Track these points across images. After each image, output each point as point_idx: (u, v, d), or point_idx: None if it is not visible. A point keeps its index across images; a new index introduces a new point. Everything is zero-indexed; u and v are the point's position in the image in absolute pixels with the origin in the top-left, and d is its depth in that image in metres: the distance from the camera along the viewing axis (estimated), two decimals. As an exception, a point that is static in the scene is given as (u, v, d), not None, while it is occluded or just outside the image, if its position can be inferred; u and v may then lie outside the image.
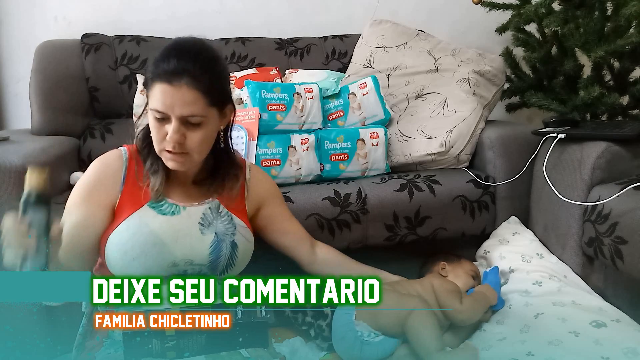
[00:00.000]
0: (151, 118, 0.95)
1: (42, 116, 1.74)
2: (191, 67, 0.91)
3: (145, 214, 0.98)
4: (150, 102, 0.94)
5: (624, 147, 1.32)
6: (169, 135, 0.92)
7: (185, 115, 0.91)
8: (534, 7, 1.79)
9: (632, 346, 0.97)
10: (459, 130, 1.64)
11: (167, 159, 0.97)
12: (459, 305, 1.20)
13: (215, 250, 1.01)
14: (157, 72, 0.91)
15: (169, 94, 0.90)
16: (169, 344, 0.83)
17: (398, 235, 1.50)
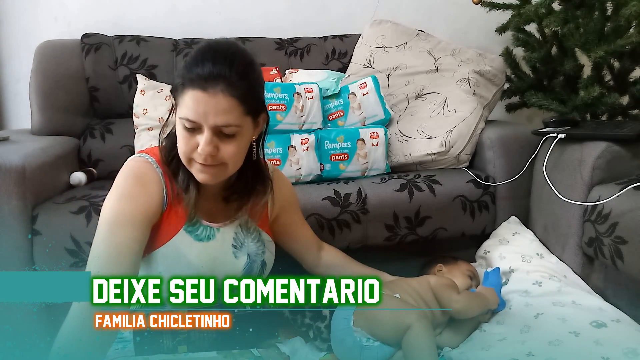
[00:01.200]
0: (180, 127, 0.87)
1: (42, 116, 1.74)
2: (227, 72, 0.83)
3: (183, 242, 0.93)
4: (180, 110, 0.85)
5: (624, 147, 1.32)
6: (200, 147, 0.84)
7: (219, 125, 0.84)
8: (534, 7, 1.79)
9: (633, 346, 0.97)
10: (459, 130, 1.64)
11: (198, 171, 0.89)
12: (455, 295, 1.19)
13: (247, 272, 1.01)
14: (189, 77, 0.83)
15: (202, 102, 0.82)
16: (180, 338, 0.83)
17: (398, 235, 1.50)
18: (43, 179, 1.40)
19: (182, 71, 0.86)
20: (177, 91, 0.87)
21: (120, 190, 0.91)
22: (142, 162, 0.95)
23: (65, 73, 1.79)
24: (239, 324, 0.85)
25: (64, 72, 1.79)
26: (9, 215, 1.28)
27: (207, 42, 0.89)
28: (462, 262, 1.40)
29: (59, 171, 1.56)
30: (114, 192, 0.91)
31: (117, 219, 0.87)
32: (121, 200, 0.89)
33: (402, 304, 1.17)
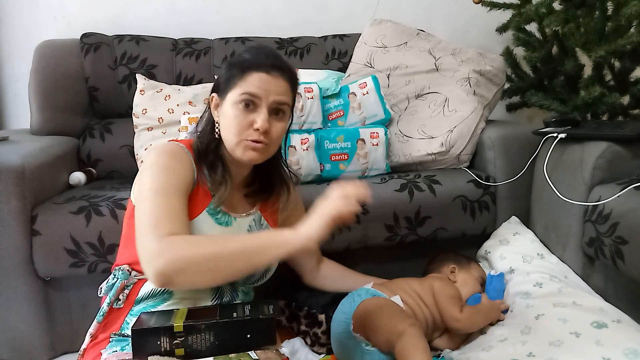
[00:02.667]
0: (235, 108, 0.97)
1: (42, 116, 1.74)
2: (285, 65, 1.00)
3: (204, 222, 0.98)
4: (237, 90, 0.97)
5: (625, 147, 1.32)
6: (259, 124, 0.96)
7: (277, 100, 0.98)
8: (534, 6, 1.79)
9: (633, 347, 0.97)
10: (460, 130, 1.64)
11: (246, 149, 0.98)
12: (457, 313, 1.18)
13: None
14: (255, 63, 0.97)
15: (266, 81, 0.97)
16: (177, 340, 0.83)
17: (398, 236, 1.49)
18: (42, 179, 1.39)
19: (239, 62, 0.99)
20: (233, 78, 0.98)
21: (160, 164, 0.95)
22: (172, 144, 1.02)
23: (64, 73, 1.78)
24: (237, 329, 0.85)
25: (64, 71, 1.78)
26: (8, 215, 1.28)
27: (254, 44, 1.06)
28: (474, 265, 1.39)
29: (59, 171, 1.55)
30: (154, 167, 0.95)
31: (164, 189, 0.91)
32: (163, 172, 0.94)
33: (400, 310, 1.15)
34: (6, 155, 1.31)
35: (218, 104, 1.03)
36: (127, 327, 0.93)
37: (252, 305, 0.91)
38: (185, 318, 0.85)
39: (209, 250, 0.84)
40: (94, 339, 0.94)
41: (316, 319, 1.26)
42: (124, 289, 0.96)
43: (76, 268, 1.33)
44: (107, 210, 1.34)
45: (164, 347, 0.83)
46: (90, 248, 1.32)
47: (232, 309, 0.89)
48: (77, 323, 1.41)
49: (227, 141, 1.00)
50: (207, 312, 0.89)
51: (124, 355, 0.87)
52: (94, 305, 1.38)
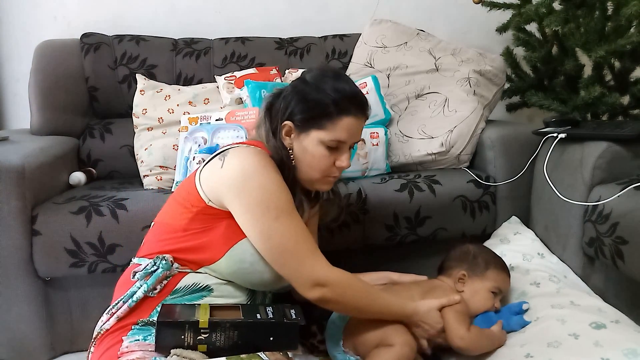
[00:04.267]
0: (318, 148, 1.00)
1: (42, 116, 1.74)
2: (363, 95, 1.03)
3: None
4: (326, 134, 0.99)
5: (625, 147, 1.32)
6: (344, 162, 1.02)
7: (357, 141, 1.05)
8: (534, 6, 1.79)
9: (633, 347, 0.96)
10: (460, 130, 1.64)
11: (326, 183, 1.06)
12: (463, 331, 1.07)
13: None
14: (346, 106, 0.99)
15: (355, 126, 1.01)
16: (201, 336, 0.83)
17: (398, 236, 1.49)
18: (42, 179, 1.39)
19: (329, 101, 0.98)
20: (321, 118, 0.99)
21: (272, 179, 0.97)
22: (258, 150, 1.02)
23: (64, 73, 1.79)
24: (262, 331, 0.86)
25: (64, 71, 1.78)
26: (8, 215, 1.28)
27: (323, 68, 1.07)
28: (491, 274, 1.19)
29: (59, 171, 1.56)
30: (266, 181, 0.96)
31: (289, 208, 0.97)
32: (280, 189, 0.97)
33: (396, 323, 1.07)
34: (6, 155, 1.31)
35: (292, 132, 1.02)
36: (156, 315, 0.91)
37: (275, 308, 0.91)
38: (209, 314, 0.85)
39: (363, 302, 1.00)
40: (118, 321, 0.92)
41: (309, 330, 1.24)
42: (164, 279, 0.95)
43: (76, 268, 1.33)
44: (108, 210, 1.34)
45: (187, 342, 0.83)
46: (90, 248, 1.32)
47: (254, 309, 0.89)
48: (77, 323, 1.42)
49: (307, 175, 1.03)
50: (230, 310, 0.89)
51: (146, 345, 0.87)
52: (94, 305, 1.39)
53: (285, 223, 0.94)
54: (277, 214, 0.94)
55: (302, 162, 1.02)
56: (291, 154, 1.03)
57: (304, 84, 1.02)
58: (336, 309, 1.03)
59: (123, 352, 0.87)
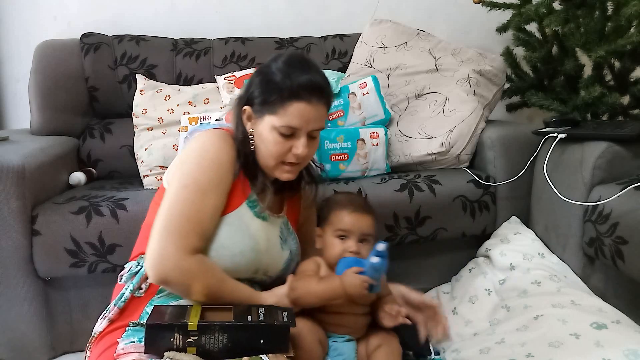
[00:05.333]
0: (272, 134, 0.97)
1: (42, 116, 1.74)
2: (322, 82, 0.98)
3: (245, 213, 1.00)
4: (278, 120, 0.96)
5: (625, 147, 1.32)
6: (299, 150, 0.97)
7: (316, 128, 0.99)
8: (534, 6, 1.79)
9: (633, 347, 0.96)
10: (460, 130, 1.64)
11: (284, 171, 1.01)
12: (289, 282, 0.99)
13: (286, 267, 1.06)
14: (293, 90, 0.94)
15: (307, 112, 0.96)
16: (191, 339, 0.83)
17: (398, 236, 1.49)
18: (42, 179, 1.39)
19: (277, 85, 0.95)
20: (272, 103, 0.96)
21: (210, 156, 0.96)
22: (222, 132, 1.02)
23: (64, 73, 1.78)
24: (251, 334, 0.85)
25: (64, 71, 1.78)
26: (8, 215, 1.28)
27: (290, 55, 0.99)
28: (333, 218, 1.10)
29: (59, 171, 1.55)
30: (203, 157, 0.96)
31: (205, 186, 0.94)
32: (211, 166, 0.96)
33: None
34: (6, 155, 1.31)
35: (252, 117, 1.01)
36: (146, 317, 0.91)
37: (267, 310, 0.90)
38: (199, 316, 0.85)
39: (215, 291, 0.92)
40: (111, 323, 0.93)
41: None
42: (147, 278, 0.95)
43: (76, 268, 1.33)
44: (108, 210, 1.34)
45: (176, 344, 0.82)
46: (90, 248, 1.32)
47: (247, 311, 0.89)
48: (77, 323, 1.41)
49: (264, 160, 1.01)
50: (222, 312, 0.88)
51: (141, 347, 0.87)
52: (94, 305, 1.39)
53: (188, 195, 0.92)
54: (188, 184, 0.93)
55: (259, 148, 1.00)
56: (252, 139, 1.01)
57: (265, 69, 1.00)
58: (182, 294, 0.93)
59: (119, 354, 0.87)
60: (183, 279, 0.89)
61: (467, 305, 1.40)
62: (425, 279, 1.61)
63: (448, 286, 1.56)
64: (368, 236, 1.08)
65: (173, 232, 0.89)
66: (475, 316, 1.35)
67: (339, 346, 1.06)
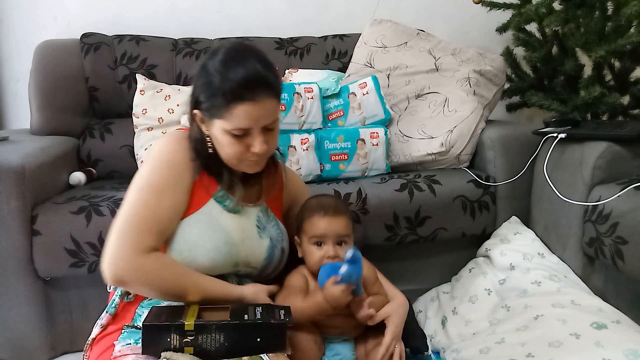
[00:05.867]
0: (225, 137, 0.93)
1: (42, 116, 1.74)
2: (264, 74, 0.91)
3: (213, 209, 0.99)
4: (227, 124, 0.92)
5: (625, 147, 1.32)
6: (256, 148, 0.93)
7: (268, 123, 0.94)
8: (534, 6, 1.79)
9: (634, 348, 0.96)
10: (460, 130, 1.64)
11: (249, 166, 0.99)
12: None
13: (270, 256, 1.04)
14: (233, 93, 0.89)
15: (253, 111, 0.90)
16: (187, 339, 0.83)
17: (398, 235, 1.49)
18: (42, 179, 1.39)
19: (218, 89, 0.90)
20: (217, 108, 0.92)
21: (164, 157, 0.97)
22: (181, 132, 1.02)
23: (64, 73, 1.78)
24: (247, 332, 0.85)
25: (64, 71, 1.78)
26: (8, 215, 1.28)
27: (227, 50, 0.93)
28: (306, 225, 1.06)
29: (59, 171, 1.55)
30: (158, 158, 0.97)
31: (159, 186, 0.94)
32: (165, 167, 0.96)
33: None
34: (6, 155, 1.31)
35: (204, 120, 0.97)
36: (139, 319, 0.93)
37: (264, 308, 0.90)
38: (196, 316, 0.85)
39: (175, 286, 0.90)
40: (104, 329, 0.94)
41: None
42: None
43: (76, 268, 1.33)
44: (107, 210, 1.34)
45: (173, 345, 0.82)
46: (90, 248, 1.32)
47: (244, 310, 0.89)
48: (77, 323, 1.42)
49: (227, 160, 0.98)
50: (219, 311, 0.88)
51: (138, 348, 0.87)
52: (94, 305, 1.39)
53: (142, 197, 0.92)
54: (143, 186, 0.94)
55: (218, 149, 0.98)
56: (209, 140, 0.98)
57: (203, 70, 0.95)
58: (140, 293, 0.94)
59: (116, 357, 0.87)
60: (137, 278, 0.88)
61: (467, 305, 1.40)
62: (425, 279, 1.61)
63: (448, 286, 1.56)
64: (344, 237, 1.05)
65: (128, 233, 0.89)
66: (475, 316, 1.35)
67: (336, 346, 1.06)
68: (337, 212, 1.05)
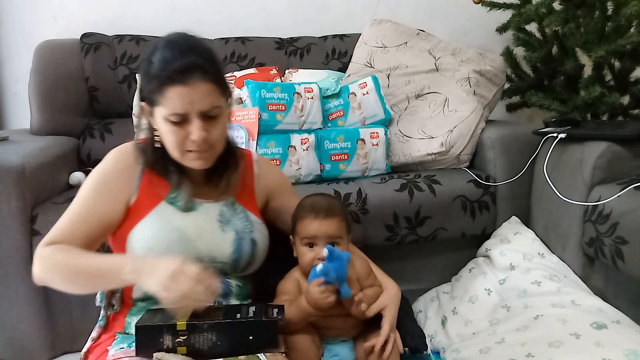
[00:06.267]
0: (166, 125, 0.92)
1: (42, 116, 1.74)
2: (199, 61, 0.90)
3: (165, 210, 0.98)
4: (164, 109, 0.91)
5: (625, 147, 1.32)
6: (194, 135, 0.91)
7: (205, 109, 0.91)
8: (534, 6, 1.79)
9: (634, 348, 0.97)
10: (460, 130, 1.64)
11: (193, 160, 0.96)
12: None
13: (238, 249, 1.02)
14: (164, 76, 0.89)
15: (186, 94, 0.89)
16: (180, 339, 0.83)
17: (398, 235, 1.49)
18: (42, 179, 1.39)
19: (153, 74, 0.91)
20: (153, 93, 0.92)
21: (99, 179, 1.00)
22: (129, 144, 1.05)
23: (64, 73, 1.78)
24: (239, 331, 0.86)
25: (63, 71, 1.78)
26: (8, 215, 1.28)
27: (166, 40, 0.94)
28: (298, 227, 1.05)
29: (59, 171, 1.55)
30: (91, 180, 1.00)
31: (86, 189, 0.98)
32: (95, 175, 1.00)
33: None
34: (6, 155, 1.31)
35: (149, 112, 0.97)
36: (129, 327, 0.94)
37: (258, 307, 0.90)
38: (189, 317, 0.85)
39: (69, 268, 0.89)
40: (95, 341, 0.95)
41: None
42: (113, 293, 0.98)
43: (76, 268, 1.33)
44: (107, 210, 1.34)
45: (166, 345, 0.83)
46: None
47: (237, 309, 0.89)
48: (77, 323, 1.41)
49: (171, 153, 0.97)
50: (212, 311, 0.89)
51: (132, 352, 0.87)
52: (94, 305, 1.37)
53: (71, 207, 0.96)
54: (79, 194, 0.97)
55: (164, 142, 0.97)
56: (157, 134, 0.97)
57: (144, 61, 0.96)
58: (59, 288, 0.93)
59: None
60: (42, 266, 0.89)
61: (467, 305, 1.40)
62: (425, 279, 1.61)
63: (448, 286, 1.56)
64: (337, 238, 1.04)
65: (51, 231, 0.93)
66: (475, 316, 1.35)
67: (334, 347, 1.06)
68: (329, 213, 1.04)
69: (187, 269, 0.81)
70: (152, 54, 0.92)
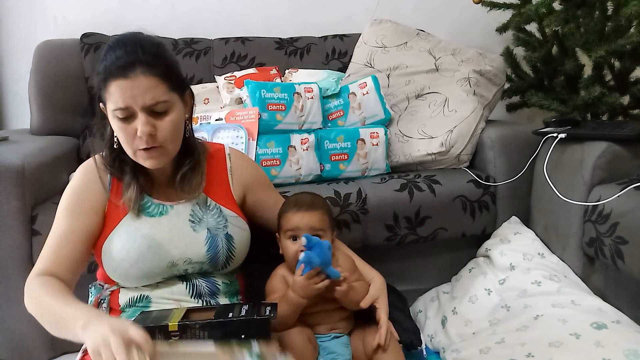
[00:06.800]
0: (115, 122, 0.93)
1: (41, 116, 1.74)
2: (141, 55, 0.90)
3: (133, 219, 0.99)
4: (110, 105, 0.92)
5: (625, 147, 1.32)
6: (139, 130, 0.90)
7: (148, 103, 0.90)
8: (534, 6, 1.79)
9: (634, 348, 0.97)
10: (460, 130, 1.64)
11: (144, 159, 0.95)
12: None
13: (212, 247, 1.02)
14: (107, 71, 0.90)
15: (127, 87, 0.89)
16: (172, 339, 0.83)
17: (398, 236, 1.49)
18: (42, 179, 1.39)
19: (99, 71, 0.92)
20: (101, 90, 0.93)
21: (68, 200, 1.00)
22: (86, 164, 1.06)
23: (64, 73, 1.78)
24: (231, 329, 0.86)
25: (63, 71, 1.78)
26: (8, 215, 1.28)
27: (114, 38, 0.96)
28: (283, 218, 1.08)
29: (58, 171, 1.55)
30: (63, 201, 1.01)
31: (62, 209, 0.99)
32: (66, 193, 1.00)
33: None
34: (6, 155, 1.31)
35: (103, 110, 0.98)
36: None
37: (251, 306, 0.91)
38: (182, 318, 0.85)
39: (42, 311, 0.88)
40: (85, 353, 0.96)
41: None
42: (100, 302, 1.00)
43: (76, 268, 1.33)
44: (107, 210, 1.34)
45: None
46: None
47: (230, 309, 0.89)
48: (77, 323, 1.41)
49: (126, 151, 0.97)
50: (205, 312, 0.89)
51: None
52: (94, 305, 1.39)
53: (53, 226, 0.98)
54: (56, 217, 0.98)
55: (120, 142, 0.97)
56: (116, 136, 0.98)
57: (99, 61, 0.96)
58: None
59: None
60: (27, 301, 0.89)
61: (467, 305, 1.40)
62: (425, 279, 1.61)
63: (448, 286, 1.56)
64: (319, 231, 1.06)
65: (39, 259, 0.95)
66: (475, 316, 1.35)
67: (328, 345, 1.06)
68: (312, 206, 1.07)
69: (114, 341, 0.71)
70: (103, 53, 0.93)
